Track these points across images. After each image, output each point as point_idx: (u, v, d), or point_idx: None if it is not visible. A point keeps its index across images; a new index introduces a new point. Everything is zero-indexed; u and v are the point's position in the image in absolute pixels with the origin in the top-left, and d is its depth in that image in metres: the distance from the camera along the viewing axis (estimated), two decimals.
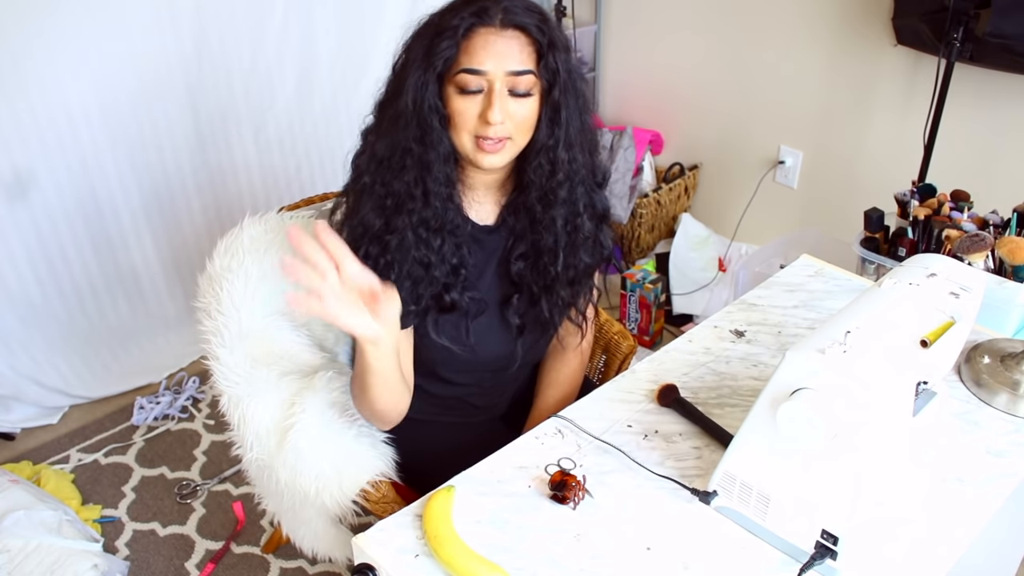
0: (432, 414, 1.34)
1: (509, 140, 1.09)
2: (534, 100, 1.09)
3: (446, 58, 1.06)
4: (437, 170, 1.10)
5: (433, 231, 1.13)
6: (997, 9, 1.75)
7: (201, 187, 2.36)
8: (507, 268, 1.23)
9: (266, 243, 1.31)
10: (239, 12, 2.23)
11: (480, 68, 1.05)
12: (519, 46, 1.06)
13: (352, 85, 2.52)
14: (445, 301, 1.17)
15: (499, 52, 1.05)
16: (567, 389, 1.37)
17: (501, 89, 1.06)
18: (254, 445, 1.24)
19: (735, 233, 2.78)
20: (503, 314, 1.24)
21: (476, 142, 1.09)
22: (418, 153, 1.09)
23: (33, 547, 1.70)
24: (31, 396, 2.20)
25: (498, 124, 1.06)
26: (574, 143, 1.14)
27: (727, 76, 2.65)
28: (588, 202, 1.21)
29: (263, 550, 1.88)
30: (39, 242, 2.10)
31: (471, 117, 1.07)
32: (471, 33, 1.05)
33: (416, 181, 1.10)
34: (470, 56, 1.05)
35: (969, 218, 1.60)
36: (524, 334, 1.26)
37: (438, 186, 1.11)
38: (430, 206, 1.12)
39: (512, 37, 1.06)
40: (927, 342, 0.92)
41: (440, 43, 1.05)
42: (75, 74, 2.00)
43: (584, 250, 1.22)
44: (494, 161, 1.10)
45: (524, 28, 1.06)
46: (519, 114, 1.08)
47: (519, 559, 0.93)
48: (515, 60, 1.06)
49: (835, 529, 0.87)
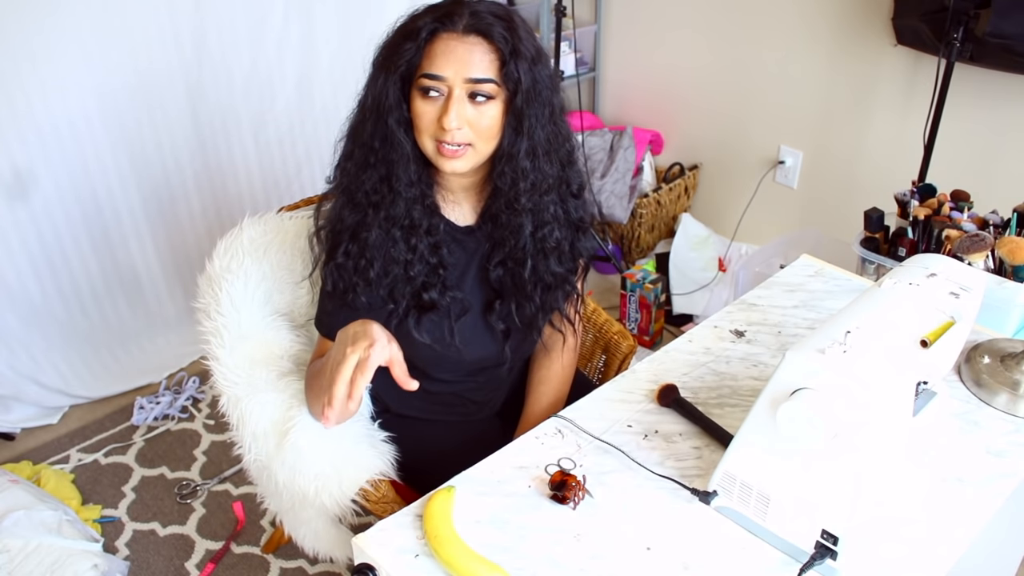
0: (431, 412, 1.35)
1: (470, 147, 1.09)
2: (495, 107, 1.08)
3: (408, 60, 1.07)
4: (402, 170, 1.11)
5: (405, 229, 1.14)
6: (997, 9, 1.75)
7: (201, 187, 2.36)
8: (487, 274, 1.23)
9: (266, 244, 1.31)
10: (239, 12, 2.23)
11: (439, 73, 1.05)
12: (481, 52, 1.06)
13: (352, 86, 2.48)
14: (424, 300, 1.18)
15: (459, 58, 1.05)
16: (556, 388, 1.37)
17: (460, 95, 1.06)
18: (253, 446, 1.24)
19: (735, 233, 2.78)
20: (487, 319, 1.24)
21: (437, 147, 1.09)
22: (381, 152, 1.11)
23: (33, 547, 1.70)
24: (31, 396, 2.20)
25: (454, 130, 1.06)
26: (539, 153, 1.12)
27: (727, 76, 2.65)
28: (558, 212, 1.20)
29: (263, 550, 1.88)
30: (39, 242, 2.11)
31: (430, 121, 1.08)
32: (434, 38, 1.06)
33: (382, 179, 1.12)
34: (431, 61, 1.06)
35: (969, 218, 1.59)
36: (510, 337, 1.26)
37: (404, 186, 1.12)
38: (397, 205, 1.13)
39: (474, 43, 1.06)
40: (927, 342, 0.92)
41: (404, 45, 1.07)
42: (75, 74, 2.00)
43: (554, 258, 1.22)
44: (456, 166, 1.11)
45: (487, 35, 1.06)
46: (479, 121, 1.08)
47: (519, 559, 0.93)
48: (475, 67, 1.06)
49: (835, 529, 0.87)
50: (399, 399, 1.35)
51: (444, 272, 1.19)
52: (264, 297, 1.28)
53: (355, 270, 1.14)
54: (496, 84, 1.07)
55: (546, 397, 1.36)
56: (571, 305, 1.32)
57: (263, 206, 2.46)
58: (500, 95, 1.08)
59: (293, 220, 1.36)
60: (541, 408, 1.35)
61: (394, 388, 1.34)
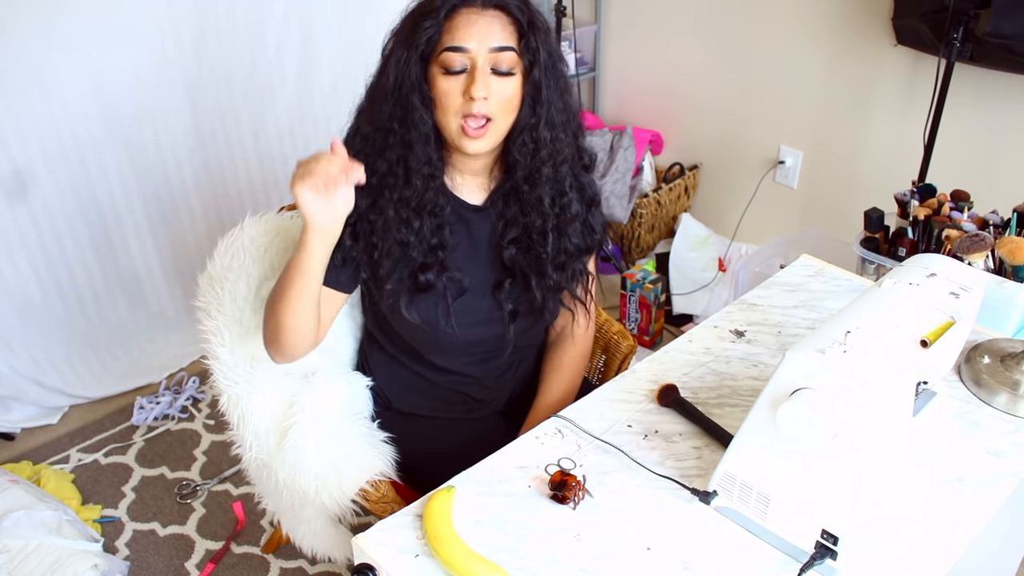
0: (433, 409, 1.35)
1: (491, 123, 1.11)
2: (516, 80, 1.12)
3: (429, 37, 1.09)
4: (419, 150, 1.13)
5: (413, 210, 1.16)
6: (997, 9, 1.75)
7: (201, 187, 2.36)
8: (499, 253, 1.24)
9: (266, 243, 1.31)
10: (239, 12, 2.23)
11: (463, 45, 1.08)
12: (501, 24, 1.09)
13: (352, 84, 2.48)
14: (420, 281, 1.18)
15: (481, 30, 1.08)
16: (568, 378, 1.37)
17: (484, 66, 1.08)
18: (253, 444, 1.24)
19: (735, 233, 2.78)
20: (496, 298, 1.25)
21: (461, 127, 1.11)
22: (399, 133, 1.13)
23: (33, 547, 1.70)
24: (31, 396, 2.20)
25: (481, 100, 1.08)
26: (556, 123, 1.16)
27: (727, 76, 2.65)
28: (575, 183, 1.23)
29: (263, 550, 1.88)
30: (39, 242, 2.10)
31: (456, 97, 1.10)
32: (453, 13, 1.09)
33: (398, 160, 1.14)
34: (452, 35, 1.08)
35: (969, 218, 1.59)
36: (517, 319, 1.27)
37: (419, 165, 1.14)
38: (411, 186, 1.14)
39: (493, 16, 1.09)
40: (927, 342, 0.92)
41: (423, 23, 1.09)
42: (75, 74, 2.00)
43: (573, 231, 1.24)
44: (479, 146, 1.12)
45: (505, 8, 1.10)
46: (501, 92, 1.10)
47: (519, 559, 0.93)
48: (497, 37, 1.09)
49: (835, 529, 0.87)
50: (401, 395, 1.35)
51: (443, 253, 1.20)
52: (265, 296, 1.28)
53: (365, 252, 1.17)
54: (516, 54, 1.10)
55: (558, 387, 1.35)
56: (583, 287, 1.32)
57: (263, 205, 2.46)
58: (519, 68, 1.11)
59: (294, 219, 1.36)
60: (552, 397, 1.34)
61: (396, 383, 1.34)
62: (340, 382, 1.29)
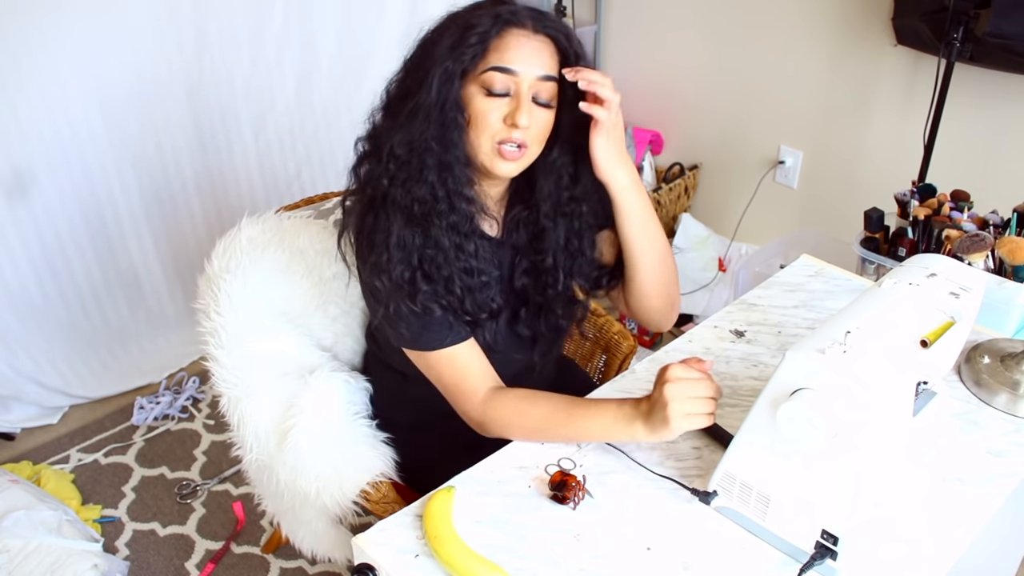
0: (436, 424, 1.32)
1: (526, 149, 1.07)
2: (552, 112, 1.08)
3: (475, 54, 1.02)
4: (459, 172, 1.07)
5: (464, 236, 1.10)
6: (997, 9, 1.75)
7: (201, 188, 2.36)
8: (511, 283, 1.21)
9: (264, 243, 1.31)
10: (239, 13, 2.23)
11: (511, 67, 1.03)
12: (549, 52, 1.05)
13: (352, 86, 2.52)
14: (492, 307, 1.15)
15: (531, 54, 1.03)
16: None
17: (527, 93, 1.04)
18: (254, 446, 1.24)
19: (735, 233, 2.78)
20: (513, 327, 1.23)
21: (496, 148, 1.05)
22: (437, 153, 1.05)
23: (33, 547, 1.70)
24: (31, 396, 2.20)
25: (524, 128, 1.04)
26: (580, 158, 1.13)
27: (727, 76, 2.65)
28: (591, 216, 1.19)
29: (263, 550, 1.88)
30: (39, 242, 2.11)
31: (495, 120, 1.04)
32: (504, 32, 1.03)
33: (439, 183, 1.06)
34: (501, 55, 1.03)
35: (969, 218, 1.59)
36: (537, 344, 1.25)
37: (461, 187, 1.07)
38: (456, 210, 1.08)
39: (543, 42, 1.05)
40: (927, 342, 0.92)
41: (469, 38, 1.02)
42: (75, 74, 2.00)
43: (580, 263, 1.21)
44: (511, 169, 1.07)
45: (555, 39, 1.05)
46: (539, 123, 1.06)
47: (519, 559, 0.93)
48: (545, 65, 1.04)
49: (835, 529, 0.87)
50: (411, 419, 1.32)
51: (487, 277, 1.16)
52: (263, 297, 1.28)
53: (438, 296, 1.09)
54: (557, 81, 1.06)
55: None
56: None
57: (263, 206, 2.44)
58: (555, 100, 1.07)
59: (292, 220, 1.36)
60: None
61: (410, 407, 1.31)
62: (338, 381, 1.28)
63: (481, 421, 1.11)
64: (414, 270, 1.07)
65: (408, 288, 1.07)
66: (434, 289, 1.08)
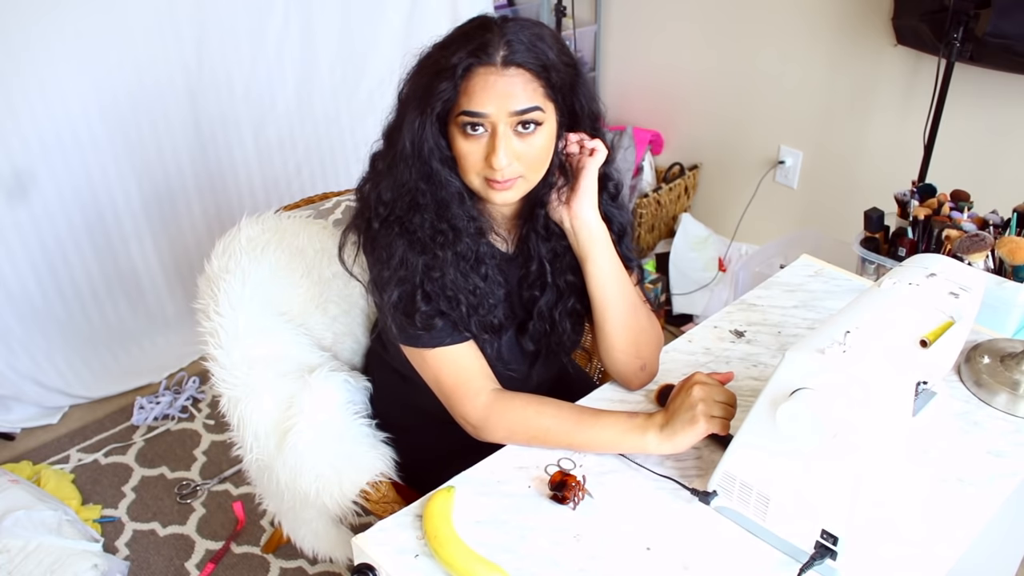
0: (436, 424, 1.32)
1: (520, 178, 1.05)
2: (544, 132, 1.03)
3: (444, 100, 1.00)
4: (456, 207, 1.06)
5: (472, 264, 1.09)
6: (997, 9, 1.75)
7: (201, 188, 2.37)
8: (520, 296, 1.20)
9: (263, 243, 1.31)
10: (239, 13, 2.23)
11: (480, 111, 0.99)
12: (522, 84, 0.99)
13: (352, 86, 2.52)
14: (494, 323, 1.15)
15: (500, 93, 0.98)
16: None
17: (505, 131, 1.00)
18: (254, 446, 1.24)
19: (735, 233, 2.78)
20: (519, 341, 1.22)
21: (485, 182, 1.04)
22: (429, 192, 1.05)
23: (33, 547, 1.70)
24: (31, 396, 2.20)
25: (504, 168, 1.01)
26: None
27: (727, 76, 2.65)
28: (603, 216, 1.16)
29: (263, 550, 1.88)
30: (39, 242, 2.11)
31: (477, 159, 1.02)
32: (470, 73, 0.99)
33: (439, 217, 1.06)
34: (469, 98, 0.99)
35: (969, 218, 1.59)
36: (538, 359, 1.25)
37: (465, 223, 1.07)
38: (461, 240, 1.07)
39: (514, 76, 0.99)
40: (927, 342, 0.92)
41: (438, 84, 0.99)
42: (75, 74, 2.00)
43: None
44: (507, 197, 1.06)
45: (526, 67, 0.99)
46: (528, 153, 1.02)
47: (519, 559, 0.93)
48: (519, 100, 0.99)
49: (835, 529, 0.87)
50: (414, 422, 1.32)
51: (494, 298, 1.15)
52: (263, 297, 1.28)
53: (440, 312, 1.09)
54: (542, 110, 1.01)
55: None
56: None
57: (263, 207, 2.45)
58: (550, 113, 1.03)
59: (291, 220, 1.36)
60: None
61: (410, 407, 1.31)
62: (338, 381, 1.28)
63: (482, 425, 1.10)
64: (415, 288, 1.07)
65: (406, 307, 1.07)
66: (435, 308, 1.08)
